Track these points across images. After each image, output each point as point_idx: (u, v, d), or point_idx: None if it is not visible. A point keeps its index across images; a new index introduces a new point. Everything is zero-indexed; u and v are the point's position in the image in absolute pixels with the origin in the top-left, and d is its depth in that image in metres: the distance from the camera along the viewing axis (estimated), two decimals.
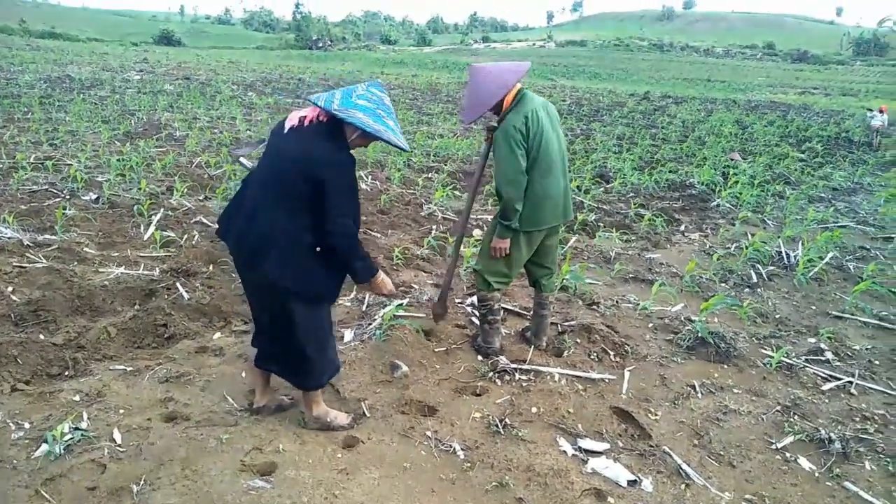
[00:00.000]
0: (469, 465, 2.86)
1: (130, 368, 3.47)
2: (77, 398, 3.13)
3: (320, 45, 70.85)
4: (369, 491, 2.61)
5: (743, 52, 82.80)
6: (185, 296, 4.41)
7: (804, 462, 3.11)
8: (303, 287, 2.65)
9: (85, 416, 2.97)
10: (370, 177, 8.91)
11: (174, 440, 2.82)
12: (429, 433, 3.07)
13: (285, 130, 2.62)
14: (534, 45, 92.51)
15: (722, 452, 3.14)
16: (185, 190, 7.32)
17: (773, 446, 3.22)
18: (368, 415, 3.19)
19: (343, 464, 2.76)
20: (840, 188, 10.95)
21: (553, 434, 3.16)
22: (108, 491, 2.48)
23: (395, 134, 2.65)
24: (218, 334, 3.99)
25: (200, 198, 7.39)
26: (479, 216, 7.51)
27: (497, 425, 3.15)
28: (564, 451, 3.01)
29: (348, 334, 4.01)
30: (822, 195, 10.27)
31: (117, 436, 2.82)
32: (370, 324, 4.15)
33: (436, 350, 3.91)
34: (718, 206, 8.98)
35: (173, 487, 2.51)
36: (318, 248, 2.64)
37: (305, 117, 2.61)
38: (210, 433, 2.87)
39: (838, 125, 20.90)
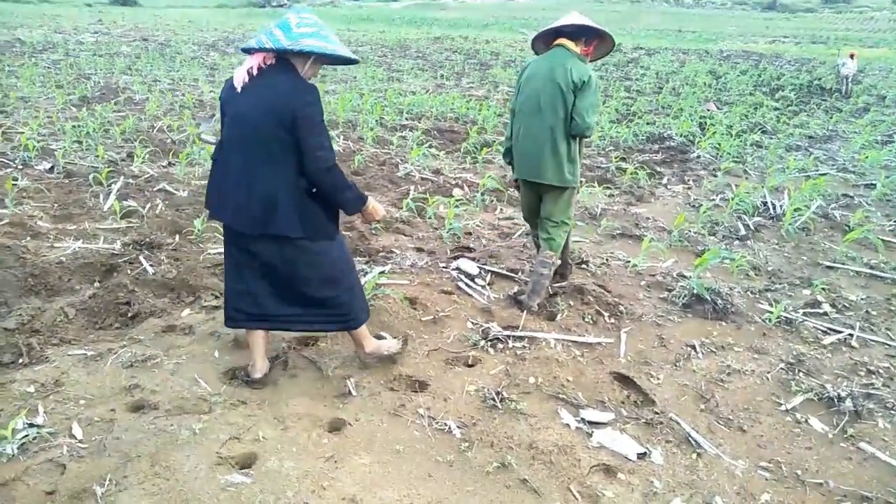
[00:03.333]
0: (467, 444, 2.65)
1: (91, 353, 3.16)
2: (32, 389, 2.83)
3: (274, 3, 67.88)
4: (360, 479, 2.39)
5: (713, 2, 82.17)
6: (150, 270, 4.10)
7: (816, 423, 2.97)
8: (314, 232, 2.66)
9: (41, 409, 2.68)
10: (342, 137, 8.53)
11: (141, 433, 2.55)
12: (421, 411, 2.84)
13: (238, 90, 2.53)
14: None
15: (730, 417, 2.98)
16: (147, 156, 6.89)
17: (783, 407, 3.08)
18: (355, 393, 2.94)
19: (330, 450, 2.53)
20: (816, 136, 10.85)
21: (553, 405, 2.96)
22: (69, 494, 2.22)
23: (345, 49, 2.60)
24: (187, 311, 3.69)
25: (163, 164, 6.97)
26: (459, 174, 7.23)
27: (493, 399, 2.94)
28: (567, 424, 2.81)
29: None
30: (800, 143, 10.17)
31: (77, 431, 2.54)
32: None
33: (422, 319, 3.67)
34: (699, 157, 8.80)
35: (142, 487, 2.25)
36: (314, 190, 2.62)
37: (252, 67, 2.52)
38: (181, 423, 2.61)
39: (810, 73, 20.82)
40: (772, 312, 4.00)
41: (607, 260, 4.87)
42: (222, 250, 4.78)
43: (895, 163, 9.01)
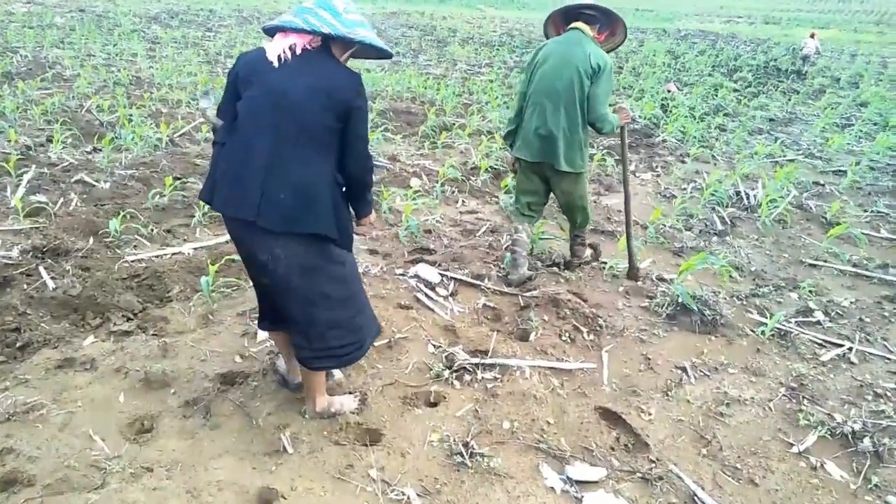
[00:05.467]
0: None
1: None
2: None
3: None
4: None
5: None
6: (50, 285, 3.44)
7: (833, 469, 2.56)
8: (345, 237, 2.34)
9: None
10: None
11: None
12: (373, 473, 2.31)
13: (275, 65, 2.16)
14: None
15: (738, 465, 2.55)
16: (69, 140, 6.12)
17: (794, 449, 2.66)
18: (291, 450, 2.39)
19: None
20: (777, 119, 10.71)
21: (533, 459, 2.47)
22: None
23: (383, 43, 2.31)
24: (90, 339, 3.05)
25: (87, 149, 6.17)
26: (416, 161, 6.67)
27: (461, 453, 2.42)
28: (552, 487, 2.33)
29: (262, 332, 3.13)
30: (762, 127, 9.99)
31: None
32: None
33: (376, 345, 3.13)
34: (664, 141, 8.45)
35: None
36: (343, 189, 2.34)
37: (295, 45, 2.17)
38: None
39: (765, 53, 20.81)
40: (765, 325, 3.61)
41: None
42: (142, 256, 4.20)
43: (859, 147, 8.87)
